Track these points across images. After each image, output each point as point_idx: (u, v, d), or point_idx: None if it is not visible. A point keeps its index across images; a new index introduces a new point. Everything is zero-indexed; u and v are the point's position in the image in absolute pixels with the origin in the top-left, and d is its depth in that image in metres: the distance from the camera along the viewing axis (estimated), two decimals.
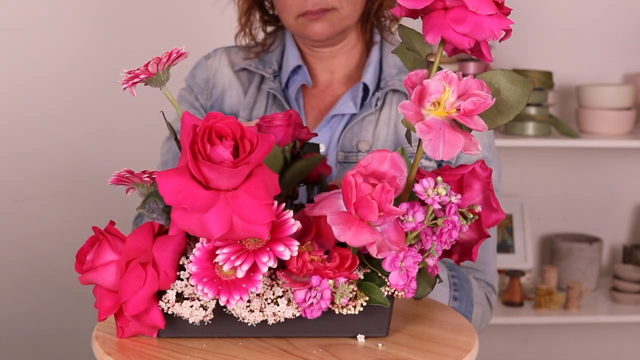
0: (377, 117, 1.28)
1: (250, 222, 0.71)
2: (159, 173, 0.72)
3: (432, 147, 0.73)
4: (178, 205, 0.71)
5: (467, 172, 0.84)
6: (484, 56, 0.79)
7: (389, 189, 0.74)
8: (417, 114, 0.74)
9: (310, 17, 1.24)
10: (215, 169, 0.71)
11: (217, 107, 1.35)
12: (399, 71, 1.29)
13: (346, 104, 1.29)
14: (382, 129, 1.27)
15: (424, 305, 0.95)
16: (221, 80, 1.36)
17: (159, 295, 0.80)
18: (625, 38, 2.44)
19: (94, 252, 0.82)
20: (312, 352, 0.79)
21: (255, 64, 1.35)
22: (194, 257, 0.76)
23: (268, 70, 1.34)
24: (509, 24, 0.77)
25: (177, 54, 0.82)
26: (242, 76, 1.36)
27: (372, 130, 1.27)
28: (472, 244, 0.85)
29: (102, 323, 0.85)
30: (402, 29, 0.83)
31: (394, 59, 1.31)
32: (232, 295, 0.74)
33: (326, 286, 0.76)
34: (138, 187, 0.85)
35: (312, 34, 1.25)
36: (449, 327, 0.88)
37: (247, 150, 0.73)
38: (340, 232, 0.73)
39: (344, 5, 1.24)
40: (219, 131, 0.73)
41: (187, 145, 0.72)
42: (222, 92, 1.36)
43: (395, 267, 0.77)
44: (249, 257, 0.74)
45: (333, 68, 1.34)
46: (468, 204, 0.84)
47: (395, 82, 1.28)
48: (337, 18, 1.25)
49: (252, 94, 1.34)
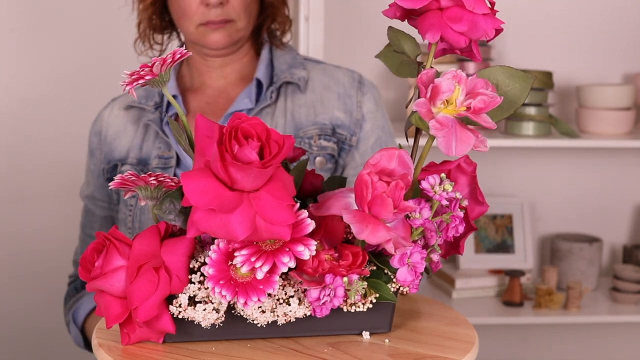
0: (274, 109, 1.36)
1: (274, 223, 0.71)
2: (183, 174, 0.71)
3: (445, 143, 0.74)
4: (205, 206, 0.70)
5: (453, 167, 0.86)
6: (474, 56, 0.80)
7: (402, 186, 0.75)
8: (428, 111, 0.75)
9: (211, 27, 1.32)
10: (244, 170, 0.70)
11: (108, 157, 1.41)
12: (289, 66, 1.39)
13: (243, 101, 1.37)
14: (280, 119, 1.35)
15: (412, 300, 0.96)
16: (112, 130, 1.42)
17: (167, 300, 0.78)
18: (625, 38, 2.44)
19: (102, 259, 0.80)
20: (324, 350, 0.79)
21: (139, 99, 1.41)
22: (210, 260, 0.75)
23: (150, 103, 1.40)
24: (500, 24, 0.78)
25: (181, 54, 0.82)
26: (132, 115, 1.42)
27: (270, 121, 1.35)
28: (460, 238, 0.86)
29: (100, 330, 0.83)
30: (391, 30, 0.85)
31: (284, 57, 1.41)
32: (250, 296, 0.73)
33: (339, 284, 0.76)
34: (141, 190, 0.84)
35: (211, 42, 1.33)
36: (445, 321, 0.89)
37: (274, 151, 0.72)
38: (358, 230, 0.74)
39: (241, 18, 1.33)
40: (245, 132, 0.73)
41: (215, 145, 0.71)
42: (112, 142, 1.42)
43: (404, 263, 0.79)
44: (268, 258, 0.73)
45: (226, 74, 1.41)
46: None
47: (286, 75, 1.37)
48: (234, 29, 1.33)
49: (140, 131, 1.39)
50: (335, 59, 1.59)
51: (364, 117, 1.38)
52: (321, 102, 1.37)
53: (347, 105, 1.38)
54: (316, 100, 1.37)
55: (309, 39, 2.01)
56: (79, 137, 2.17)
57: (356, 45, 2.36)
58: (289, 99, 1.37)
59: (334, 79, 1.40)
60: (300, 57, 1.43)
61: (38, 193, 2.19)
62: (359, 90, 1.40)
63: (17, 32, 2.15)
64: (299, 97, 1.37)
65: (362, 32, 2.36)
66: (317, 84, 1.39)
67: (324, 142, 1.35)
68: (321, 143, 1.35)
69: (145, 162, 1.35)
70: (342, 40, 2.32)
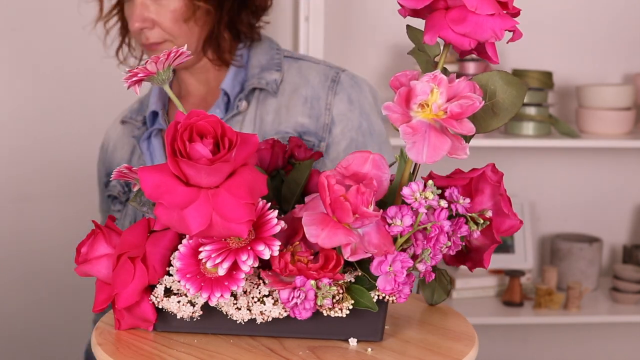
0: (244, 117, 1.31)
1: (229, 220, 0.72)
2: (141, 168, 0.74)
3: (415, 150, 0.71)
4: (157, 200, 0.73)
5: (476, 176, 0.82)
6: (490, 57, 0.78)
7: (364, 190, 0.72)
8: (403, 115, 0.72)
9: (147, 49, 1.31)
10: (192, 166, 0.72)
11: (108, 169, 1.43)
12: (261, 69, 1.33)
13: (214, 112, 1.33)
14: (248, 127, 1.30)
15: (439, 313, 0.93)
16: (112, 143, 1.45)
17: (152, 289, 0.82)
18: (625, 38, 2.44)
19: (88, 245, 0.86)
20: (299, 353, 0.79)
21: (131, 113, 1.42)
22: (178, 253, 0.77)
23: (138, 118, 1.40)
24: (513, 25, 0.75)
25: (176, 53, 0.83)
26: (126, 128, 1.43)
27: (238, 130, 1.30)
28: (484, 250, 0.83)
29: (108, 315, 0.87)
30: (410, 30, 0.82)
31: (258, 58, 1.35)
32: (214, 292, 0.75)
33: (310, 287, 0.75)
34: (138, 182, 0.87)
35: None
36: (450, 335, 0.86)
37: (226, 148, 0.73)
38: (313, 233, 0.73)
39: (176, 36, 1.29)
40: (200, 129, 0.74)
41: (168, 142, 0.73)
42: (112, 152, 1.44)
43: (382, 271, 0.75)
44: (230, 255, 0.74)
45: (207, 81, 1.38)
46: (478, 208, 0.82)
47: (254, 81, 1.32)
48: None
49: (130, 144, 1.41)
50: (335, 59, 1.59)
51: (333, 120, 1.30)
52: (287, 107, 1.31)
53: (313, 110, 1.30)
54: (283, 105, 1.31)
55: (309, 39, 2.01)
56: (79, 138, 2.17)
57: (356, 45, 2.36)
58: (261, 104, 1.32)
59: (304, 79, 1.33)
60: (279, 55, 1.36)
61: (38, 193, 2.19)
62: (330, 90, 1.31)
63: (17, 31, 2.15)
64: (270, 102, 1.32)
65: (362, 32, 2.36)
66: (288, 87, 1.33)
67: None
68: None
69: None
70: (342, 40, 2.32)
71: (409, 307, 0.93)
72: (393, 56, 2.38)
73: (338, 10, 2.29)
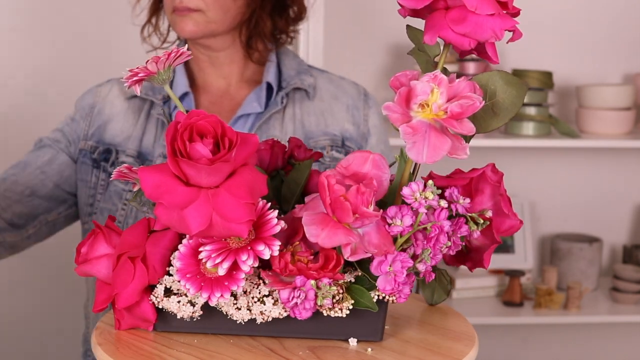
0: (283, 115, 1.34)
1: (229, 220, 0.72)
2: (141, 168, 0.74)
3: (415, 150, 0.72)
4: (157, 200, 0.73)
5: (476, 176, 0.82)
6: (490, 57, 0.78)
7: (364, 190, 0.72)
8: (404, 115, 0.73)
9: (178, 14, 1.30)
10: (193, 166, 0.72)
11: (97, 136, 1.36)
12: (297, 72, 1.37)
13: (251, 104, 1.35)
14: (289, 125, 1.34)
15: (439, 313, 0.93)
16: (108, 110, 1.38)
17: (152, 289, 0.82)
18: (625, 38, 2.44)
19: (88, 245, 0.85)
20: (299, 353, 0.79)
21: (145, 90, 1.37)
22: (178, 253, 0.77)
23: (158, 97, 1.36)
24: (513, 25, 0.75)
25: (177, 53, 0.83)
26: (133, 104, 1.38)
27: (280, 127, 1.33)
28: (484, 251, 0.83)
29: (108, 315, 0.87)
30: (410, 30, 0.82)
31: (290, 63, 1.39)
32: (214, 292, 0.75)
33: (310, 287, 0.75)
34: (138, 182, 0.87)
35: (179, 29, 1.31)
36: (450, 335, 0.86)
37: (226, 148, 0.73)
38: (313, 233, 0.73)
39: (210, 8, 1.29)
40: (201, 129, 0.74)
41: (168, 142, 0.73)
42: (106, 122, 1.37)
43: (382, 271, 0.76)
44: (229, 255, 0.74)
45: (225, 75, 1.39)
46: (478, 208, 0.83)
47: (296, 81, 1.36)
48: (203, 20, 1.30)
49: (142, 122, 1.36)
50: (335, 59, 1.59)
51: (369, 131, 1.38)
52: (331, 112, 1.37)
53: (355, 118, 1.38)
54: (325, 109, 1.37)
55: (309, 39, 2.01)
56: None
57: (356, 45, 2.36)
58: (297, 105, 1.36)
59: (341, 89, 1.40)
60: (305, 64, 1.41)
61: None
62: (365, 103, 1.40)
63: (17, 31, 2.15)
64: (307, 105, 1.36)
65: (362, 32, 2.36)
66: (325, 93, 1.39)
67: (336, 154, 1.34)
68: (333, 154, 1.34)
69: (145, 156, 1.33)
70: (342, 40, 2.32)
71: (409, 307, 0.93)
72: (393, 56, 2.38)
73: (338, 10, 2.29)
